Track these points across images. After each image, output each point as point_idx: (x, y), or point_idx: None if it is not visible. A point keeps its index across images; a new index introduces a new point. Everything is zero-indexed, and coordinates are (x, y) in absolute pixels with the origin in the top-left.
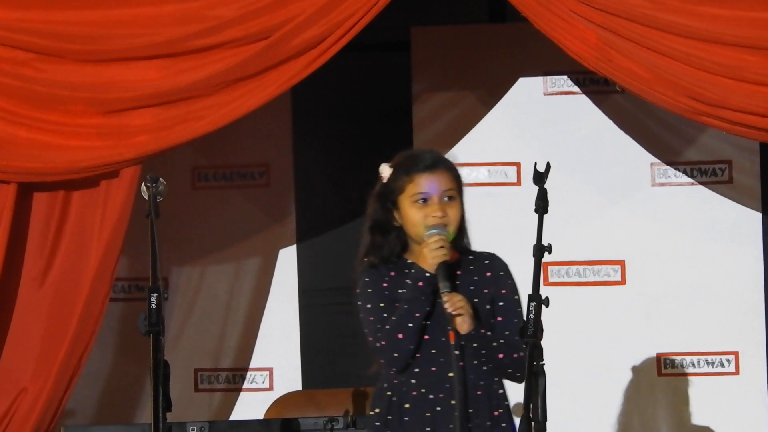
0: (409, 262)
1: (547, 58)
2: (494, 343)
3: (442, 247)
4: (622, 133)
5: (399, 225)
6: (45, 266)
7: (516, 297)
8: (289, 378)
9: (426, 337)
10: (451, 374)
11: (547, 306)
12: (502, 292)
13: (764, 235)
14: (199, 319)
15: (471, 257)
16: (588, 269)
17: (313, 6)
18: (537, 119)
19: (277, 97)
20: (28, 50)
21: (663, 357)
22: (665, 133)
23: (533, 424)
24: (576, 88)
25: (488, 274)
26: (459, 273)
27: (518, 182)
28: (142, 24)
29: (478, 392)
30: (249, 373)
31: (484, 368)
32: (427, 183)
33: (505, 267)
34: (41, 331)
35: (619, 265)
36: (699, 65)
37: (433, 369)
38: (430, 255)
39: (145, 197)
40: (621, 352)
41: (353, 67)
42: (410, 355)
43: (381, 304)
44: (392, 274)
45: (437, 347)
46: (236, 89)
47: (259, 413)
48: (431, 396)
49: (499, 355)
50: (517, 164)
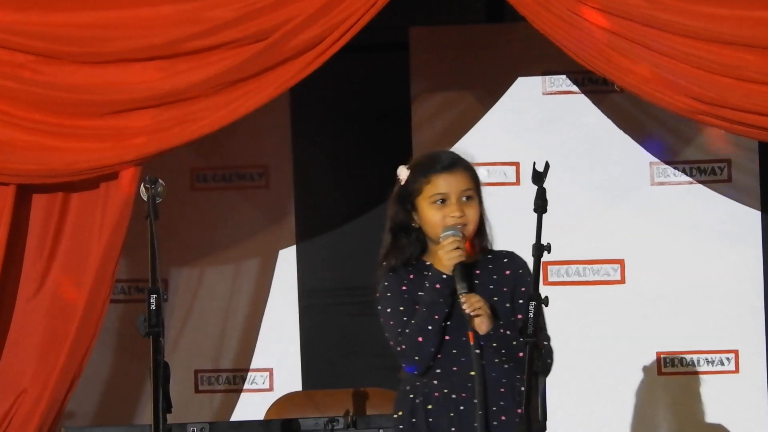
0: (428, 263)
1: (545, 58)
2: (514, 342)
3: (458, 248)
4: (620, 132)
5: (418, 227)
6: (44, 268)
7: None
8: (289, 379)
9: (447, 338)
10: (473, 373)
11: (546, 305)
12: (522, 290)
13: (763, 233)
14: (199, 320)
15: (490, 256)
16: (587, 268)
17: (311, 7)
18: (536, 119)
19: (276, 98)
20: (27, 52)
21: (663, 356)
22: (664, 132)
23: (533, 423)
24: (575, 88)
25: (507, 272)
26: (478, 272)
27: (517, 182)
28: (140, 26)
29: (502, 390)
30: (249, 373)
31: (506, 366)
32: (444, 183)
33: (524, 265)
34: (41, 333)
35: (619, 264)
36: (698, 64)
37: (455, 369)
38: (446, 257)
39: (144, 198)
40: (621, 351)
41: (352, 68)
42: (432, 358)
43: (401, 308)
44: (411, 276)
45: (458, 347)
46: (235, 90)
47: (259, 414)
48: (454, 396)
49: (520, 354)
50: (516, 164)
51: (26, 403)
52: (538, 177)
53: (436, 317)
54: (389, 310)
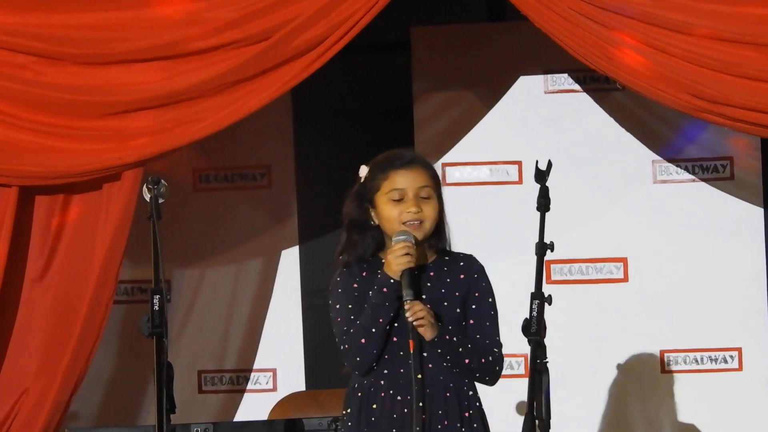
0: (383, 261)
1: (547, 57)
2: (460, 349)
3: (407, 254)
4: (622, 130)
5: (376, 224)
6: (44, 267)
7: (490, 300)
8: (293, 379)
9: (394, 339)
10: (419, 376)
11: (550, 304)
12: (476, 294)
13: (766, 231)
14: (202, 320)
15: (447, 258)
16: (590, 267)
17: (312, 7)
18: (538, 117)
19: (278, 99)
20: (28, 54)
21: (666, 354)
22: (666, 129)
23: (537, 422)
24: (577, 86)
25: (462, 276)
26: (432, 275)
27: (520, 181)
28: (142, 27)
29: (448, 394)
30: (252, 374)
31: (455, 370)
32: (402, 179)
33: (480, 269)
34: (43, 333)
35: (622, 263)
36: (699, 62)
37: (402, 371)
38: (394, 262)
39: (147, 199)
40: (624, 349)
41: (353, 68)
42: (373, 360)
43: (349, 306)
44: (364, 274)
45: (405, 350)
46: (237, 91)
47: (262, 414)
48: (399, 398)
49: (466, 361)
50: (519, 163)
51: (29, 403)
52: (541, 175)
53: (381, 320)
54: (338, 307)
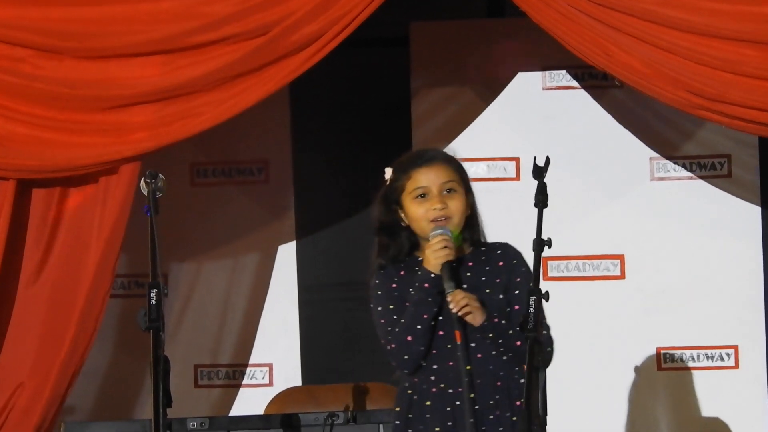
0: (420, 259)
1: (545, 53)
2: (510, 331)
3: (445, 247)
4: (621, 127)
5: (406, 225)
6: (40, 261)
7: (532, 284)
8: (289, 374)
9: (440, 333)
10: (469, 367)
11: (547, 300)
12: (517, 280)
13: (763, 228)
14: (199, 314)
15: (483, 249)
16: (587, 264)
17: (311, 2)
18: (536, 114)
19: (276, 93)
20: (27, 47)
21: (663, 351)
22: (664, 127)
23: (533, 418)
24: (575, 83)
25: (501, 263)
26: (470, 265)
27: (517, 177)
28: (141, 20)
29: (498, 383)
30: (249, 368)
31: (504, 358)
32: (424, 177)
33: (518, 255)
34: (39, 327)
35: (619, 260)
36: (698, 60)
37: (451, 364)
38: (432, 256)
39: (145, 193)
40: (621, 346)
41: (352, 63)
42: (421, 357)
43: (390, 306)
44: (402, 273)
45: (453, 342)
46: (235, 85)
47: (259, 409)
48: (450, 390)
49: (518, 343)
50: (516, 159)
51: (24, 396)
52: (539, 172)
53: (425, 316)
54: (380, 309)
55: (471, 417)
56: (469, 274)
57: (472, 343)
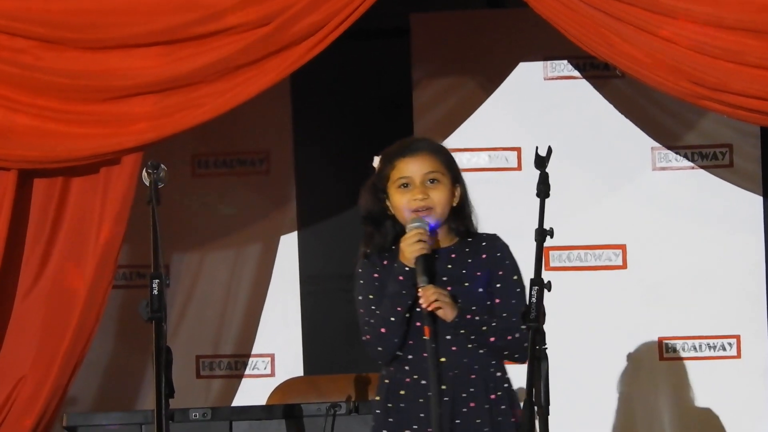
0: None
1: (547, 43)
2: (484, 327)
3: (420, 240)
4: (622, 117)
5: (392, 214)
6: (43, 253)
7: (515, 278)
8: (291, 364)
9: (417, 324)
10: (443, 359)
11: (549, 290)
12: (500, 273)
13: (765, 218)
14: (201, 305)
15: (470, 240)
16: (589, 254)
17: None
18: (537, 104)
19: (277, 84)
20: (28, 38)
21: (664, 341)
22: (666, 117)
23: (536, 408)
24: (576, 73)
25: (484, 255)
26: (453, 257)
27: (519, 167)
28: (142, 11)
29: (473, 376)
30: (251, 359)
31: (481, 351)
32: (407, 167)
33: (504, 248)
34: (41, 319)
35: (620, 250)
36: (700, 49)
37: (425, 355)
38: (407, 250)
39: (146, 183)
40: (622, 336)
41: (353, 54)
42: (395, 348)
43: (370, 296)
44: (385, 263)
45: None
46: (236, 76)
47: (261, 399)
48: (424, 382)
49: (491, 339)
50: (518, 149)
51: (27, 389)
52: (541, 162)
53: (399, 309)
54: (360, 298)
55: (438, 410)
56: (450, 266)
57: (447, 336)
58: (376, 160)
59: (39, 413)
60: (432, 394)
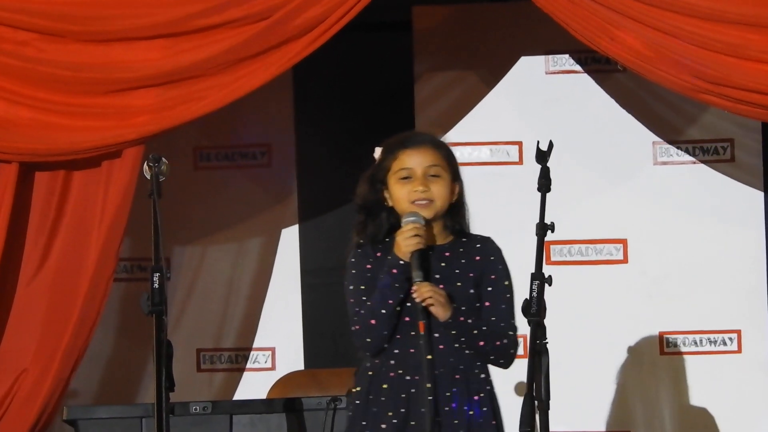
0: None
1: (548, 37)
2: (475, 331)
3: (416, 235)
4: (623, 111)
5: (390, 205)
6: (45, 246)
7: (506, 283)
8: (292, 358)
9: (406, 319)
10: (430, 357)
11: (550, 285)
12: (492, 277)
13: (766, 213)
14: (201, 299)
15: (465, 240)
16: (590, 248)
17: None
18: (539, 98)
19: (279, 77)
20: (30, 30)
21: (665, 336)
22: (667, 111)
23: (536, 402)
24: (578, 67)
25: (477, 257)
26: (447, 255)
27: (520, 161)
28: (144, 4)
29: (457, 376)
30: (251, 352)
31: (467, 352)
32: (409, 159)
33: (497, 252)
34: (42, 312)
35: (622, 244)
36: (701, 43)
37: (412, 351)
38: (403, 243)
39: (148, 176)
40: (623, 331)
41: (355, 47)
42: (384, 341)
43: (361, 287)
44: (378, 254)
45: (417, 330)
46: (238, 69)
47: (261, 393)
48: (408, 377)
49: (480, 343)
50: (519, 143)
51: (28, 382)
52: (542, 156)
53: (390, 302)
54: (351, 288)
55: (425, 407)
56: (443, 264)
57: (436, 334)
58: (378, 151)
59: (40, 406)
60: (423, 391)
